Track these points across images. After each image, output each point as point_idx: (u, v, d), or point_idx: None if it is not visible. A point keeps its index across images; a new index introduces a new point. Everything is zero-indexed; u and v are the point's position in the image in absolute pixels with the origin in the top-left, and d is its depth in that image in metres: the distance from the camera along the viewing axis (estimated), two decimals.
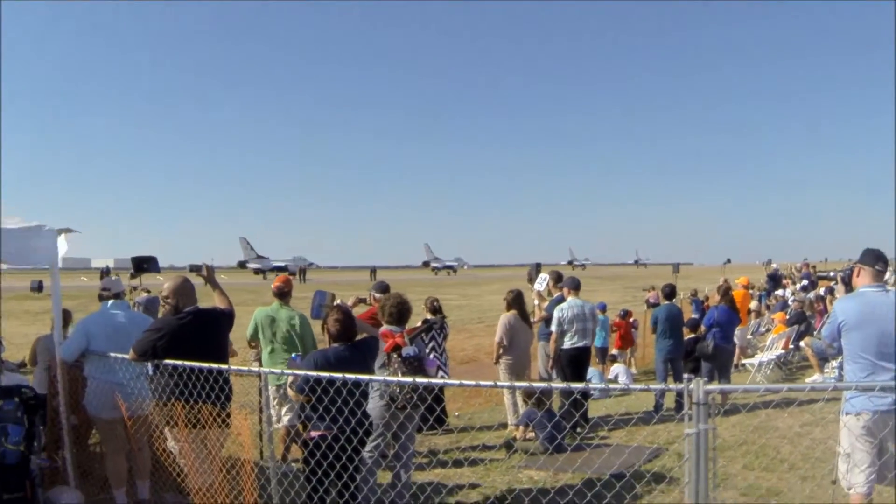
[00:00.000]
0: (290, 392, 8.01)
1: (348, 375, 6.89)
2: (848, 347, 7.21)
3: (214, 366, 7.65)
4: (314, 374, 7.25)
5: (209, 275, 9.45)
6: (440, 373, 13.06)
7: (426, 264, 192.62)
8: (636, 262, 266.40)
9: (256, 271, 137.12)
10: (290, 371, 7.67)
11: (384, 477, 9.62)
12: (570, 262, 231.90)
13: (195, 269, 9.49)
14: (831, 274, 12.66)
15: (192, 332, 8.22)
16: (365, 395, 8.02)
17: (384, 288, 13.12)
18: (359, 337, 8.45)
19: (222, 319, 8.74)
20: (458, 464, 10.95)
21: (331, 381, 7.28)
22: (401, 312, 9.54)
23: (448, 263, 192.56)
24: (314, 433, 7.71)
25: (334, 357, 7.91)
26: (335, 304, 9.54)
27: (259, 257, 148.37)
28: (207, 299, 9.11)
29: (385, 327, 9.37)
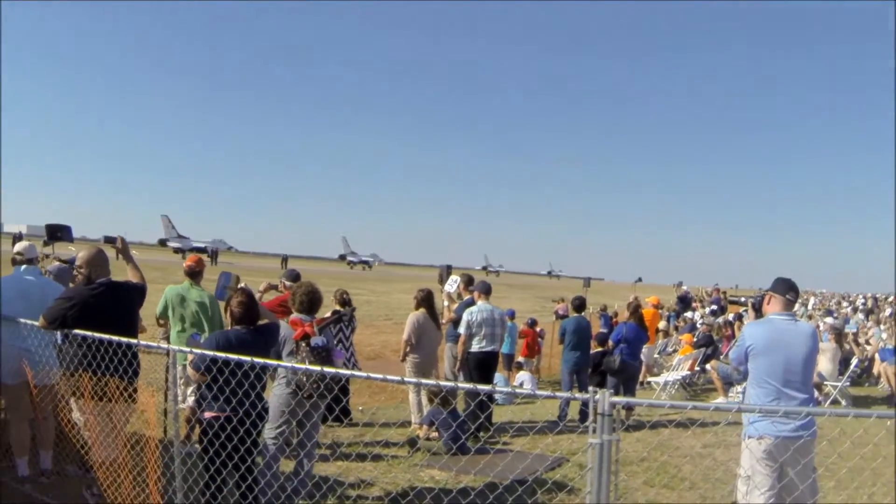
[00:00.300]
0: (189, 371, 7.94)
1: (256, 360, 6.84)
2: (754, 372, 7.31)
3: (124, 339, 7.58)
4: (223, 355, 7.14)
5: (123, 247, 9.34)
6: (347, 366, 13.11)
7: (342, 258, 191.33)
8: (549, 273, 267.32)
9: (176, 250, 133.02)
10: (199, 350, 7.59)
11: (287, 466, 9.59)
12: (484, 268, 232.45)
13: (110, 240, 9.36)
14: (742, 299, 12.84)
15: (104, 303, 8.12)
16: (260, 378, 7.94)
17: (295, 276, 13.07)
18: (261, 322, 8.40)
19: (134, 293, 8.63)
20: (360, 457, 10.99)
21: (227, 363, 7.24)
22: (311, 301, 9.50)
23: (364, 258, 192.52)
24: (207, 413, 7.66)
25: (236, 339, 7.83)
26: (239, 286, 9.50)
27: (180, 237, 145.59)
28: (121, 273, 9.03)
29: (295, 315, 9.36)
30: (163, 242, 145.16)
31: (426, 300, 14.46)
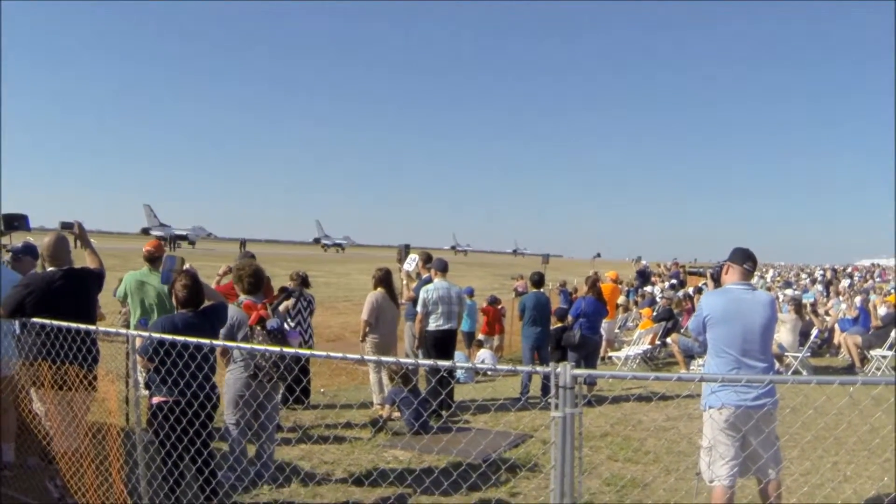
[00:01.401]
0: (137, 357, 7.82)
1: (203, 341, 6.79)
2: (712, 342, 7.29)
3: (83, 326, 7.47)
4: (181, 338, 6.97)
5: (80, 233, 9.22)
6: (304, 347, 13.05)
7: (317, 241, 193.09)
8: (514, 251, 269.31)
9: (159, 238, 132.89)
10: (158, 335, 7.48)
11: (249, 450, 9.52)
12: (453, 248, 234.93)
13: (67, 226, 9.24)
14: (702, 270, 12.86)
15: (61, 290, 8.02)
16: (207, 360, 7.84)
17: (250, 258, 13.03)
18: (207, 303, 8.29)
19: (91, 280, 8.53)
20: (322, 440, 10.90)
21: (173, 346, 7.13)
22: (258, 281, 9.49)
23: (337, 241, 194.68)
24: (155, 399, 7.58)
25: (181, 323, 7.75)
26: (183, 269, 9.44)
27: (162, 225, 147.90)
28: (80, 260, 8.91)
29: (245, 298, 9.28)
30: (146, 231, 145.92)
31: (384, 280, 14.37)
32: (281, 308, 14.32)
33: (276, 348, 7.15)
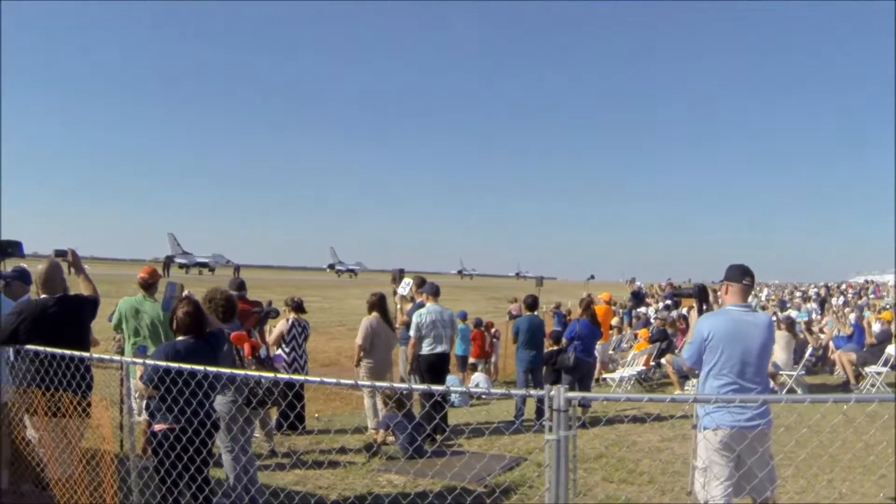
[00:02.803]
0: (138, 384, 7.81)
1: (209, 368, 6.77)
2: (710, 365, 7.14)
3: (77, 353, 7.47)
4: (175, 365, 7.01)
5: (74, 260, 9.24)
6: (291, 371, 13.09)
7: (332, 267, 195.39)
8: (517, 274, 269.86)
9: (181, 266, 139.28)
10: (152, 361, 7.48)
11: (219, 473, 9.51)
12: (459, 272, 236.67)
13: (60, 254, 9.27)
14: (686, 291, 12.80)
15: (55, 318, 8.03)
16: (213, 387, 7.85)
17: (240, 285, 13.05)
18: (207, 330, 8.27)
19: (85, 307, 8.53)
20: (317, 465, 10.86)
21: (179, 374, 7.09)
22: (231, 309, 9.48)
23: (350, 267, 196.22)
24: (157, 427, 7.53)
25: (184, 349, 7.68)
26: (185, 295, 9.43)
27: (185, 253, 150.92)
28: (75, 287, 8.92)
29: (225, 327, 9.30)
30: (169, 259, 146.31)
31: (379, 304, 14.38)
32: (275, 334, 14.35)
33: (271, 374, 7.16)
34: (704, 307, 9.17)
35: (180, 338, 7.92)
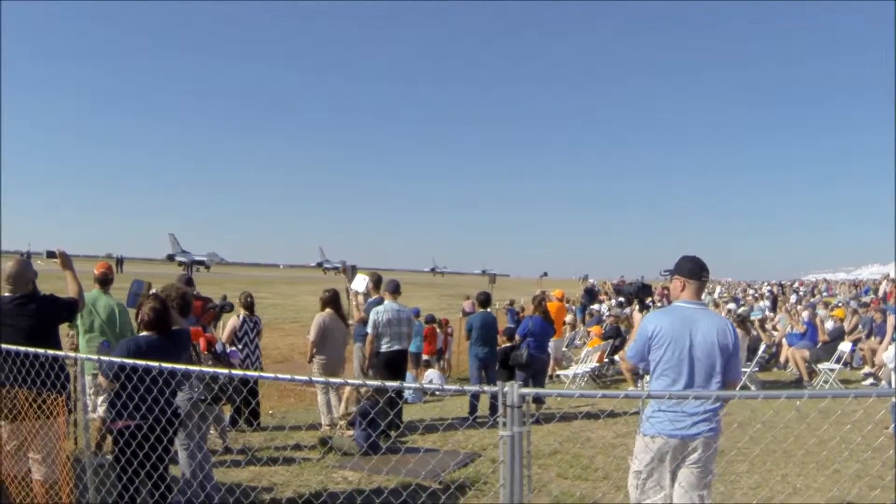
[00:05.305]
0: (101, 380, 7.77)
1: (165, 365, 6.73)
2: (657, 364, 6.80)
3: (31, 349, 7.40)
4: (130, 361, 6.97)
5: (63, 260, 9.23)
6: (251, 368, 13.07)
7: (320, 265, 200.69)
8: (483, 272, 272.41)
9: (180, 263, 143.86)
10: (106, 357, 7.44)
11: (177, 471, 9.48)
12: (432, 270, 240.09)
13: (51, 255, 9.31)
14: (626, 289, 12.65)
15: (12, 314, 8.01)
16: (179, 384, 7.83)
17: (187, 281, 13.00)
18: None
19: (55, 307, 8.50)
20: (272, 461, 10.84)
21: (140, 370, 7.04)
22: (186, 305, 9.45)
23: (336, 265, 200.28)
24: (119, 423, 7.49)
25: (146, 345, 7.67)
26: (151, 292, 9.39)
27: (183, 252, 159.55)
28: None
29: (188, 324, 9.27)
30: (170, 257, 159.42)
31: (332, 301, 14.40)
32: (227, 331, 14.30)
33: (225, 370, 7.12)
34: (648, 306, 8.97)
35: (144, 333, 7.89)
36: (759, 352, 21.55)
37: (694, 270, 6.98)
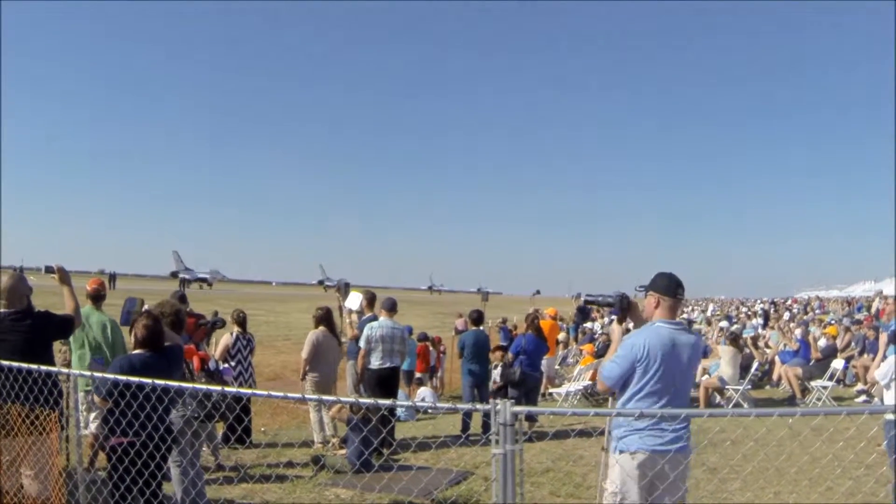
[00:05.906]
0: (95, 398, 7.77)
1: (157, 381, 6.72)
2: (636, 385, 6.64)
3: (24, 365, 7.39)
4: (123, 378, 6.99)
5: (61, 276, 9.24)
6: (244, 385, 13.05)
7: (320, 282, 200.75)
8: (478, 290, 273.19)
9: (183, 281, 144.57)
10: (100, 374, 7.45)
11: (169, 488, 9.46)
12: (429, 287, 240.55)
13: (49, 270, 9.33)
14: (602, 300, 12.31)
15: (6, 331, 7.97)
16: (172, 401, 7.83)
17: (181, 298, 12.97)
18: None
19: (49, 324, 8.45)
20: (264, 479, 10.81)
21: (134, 388, 7.05)
22: (179, 322, 9.44)
23: (336, 283, 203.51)
24: (113, 440, 7.47)
25: (139, 363, 7.63)
26: (144, 309, 9.41)
27: (187, 269, 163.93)
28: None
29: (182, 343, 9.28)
30: (174, 274, 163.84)
31: (325, 318, 14.41)
32: (220, 348, 14.29)
33: (218, 388, 7.12)
34: (631, 325, 8.61)
35: (137, 351, 7.88)
36: (752, 369, 21.54)
37: (669, 287, 6.85)
